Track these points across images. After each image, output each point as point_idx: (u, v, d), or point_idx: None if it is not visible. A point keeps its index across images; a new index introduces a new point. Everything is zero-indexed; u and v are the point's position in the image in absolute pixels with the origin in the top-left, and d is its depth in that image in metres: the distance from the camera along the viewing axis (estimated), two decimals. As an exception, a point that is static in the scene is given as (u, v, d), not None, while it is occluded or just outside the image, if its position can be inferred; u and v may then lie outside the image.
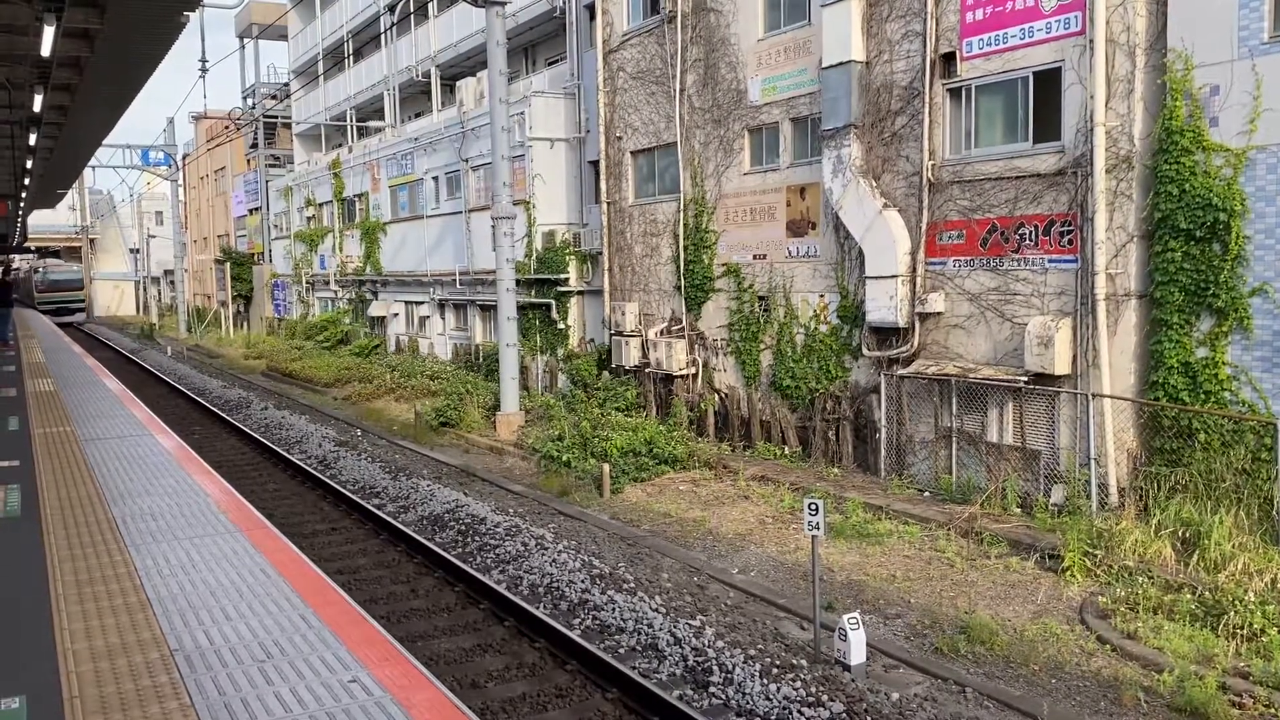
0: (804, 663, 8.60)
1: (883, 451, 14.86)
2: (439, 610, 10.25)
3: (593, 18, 22.20)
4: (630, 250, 20.77)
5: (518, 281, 20.86)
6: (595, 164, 22.40)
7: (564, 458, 16.44)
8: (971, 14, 13.36)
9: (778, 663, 8.57)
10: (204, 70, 40.69)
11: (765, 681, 8.10)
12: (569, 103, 23.87)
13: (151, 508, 8.13)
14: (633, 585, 10.66)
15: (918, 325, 14.25)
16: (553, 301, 23.54)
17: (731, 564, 11.74)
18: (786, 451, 16.54)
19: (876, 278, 14.56)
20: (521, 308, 22.88)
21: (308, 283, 41.27)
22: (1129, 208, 11.79)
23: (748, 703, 7.81)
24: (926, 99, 13.93)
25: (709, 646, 8.83)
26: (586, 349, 22.86)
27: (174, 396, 27.75)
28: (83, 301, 70.20)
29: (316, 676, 4.75)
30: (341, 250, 37.44)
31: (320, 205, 40.12)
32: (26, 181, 31.96)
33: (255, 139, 48.10)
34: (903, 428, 14.64)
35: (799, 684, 8.04)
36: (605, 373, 20.99)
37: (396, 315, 32.97)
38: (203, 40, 44.70)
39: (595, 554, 12.00)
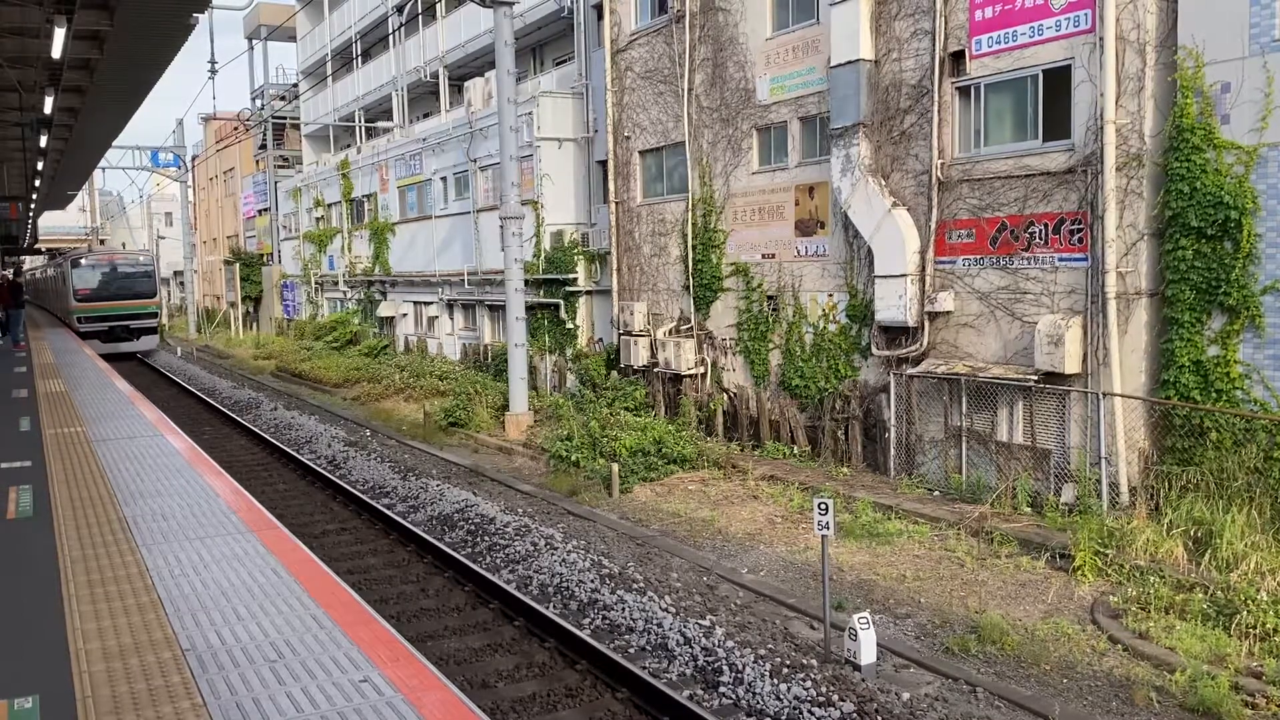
0: (814, 662, 8.58)
1: (892, 451, 14.83)
2: (449, 610, 10.26)
3: (600, 17, 22.20)
4: (638, 250, 20.76)
5: (526, 281, 20.88)
6: (603, 164, 22.40)
7: (573, 457, 16.44)
8: (980, 12, 13.32)
9: (788, 662, 8.55)
10: (213, 71, 40.87)
11: (775, 681, 8.09)
12: (577, 103, 23.88)
13: (162, 508, 8.16)
14: (642, 585, 10.66)
15: (927, 324, 14.21)
16: (561, 301, 23.56)
17: (741, 564, 11.73)
18: (796, 451, 16.51)
19: (886, 277, 14.53)
20: (530, 308, 22.91)
21: (316, 283, 41.36)
22: (1139, 206, 11.74)
23: (758, 702, 7.80)
24: (935, 97, 13.89)
25: (719, 646, 8.82)
26: (595, 349, 22.87)
27: (184, 397, 27.84)
28: (155, 316, 38.35)
29: (328, 676, 4.76)
30: (350, 251, 37.53)
31: (329, 206, 40.21)
32: (37, 183, 32.11)
33: (264, 140, 48.23)
34: (912, 427, 14.60)
35: (809, 684, 8.02)
36: (614, 372, 20.99)
37: (405, 315, 33.03)
38: (211, 42, 44.83)
39: (605, 554, 12.01)
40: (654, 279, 20.36)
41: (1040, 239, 12.78)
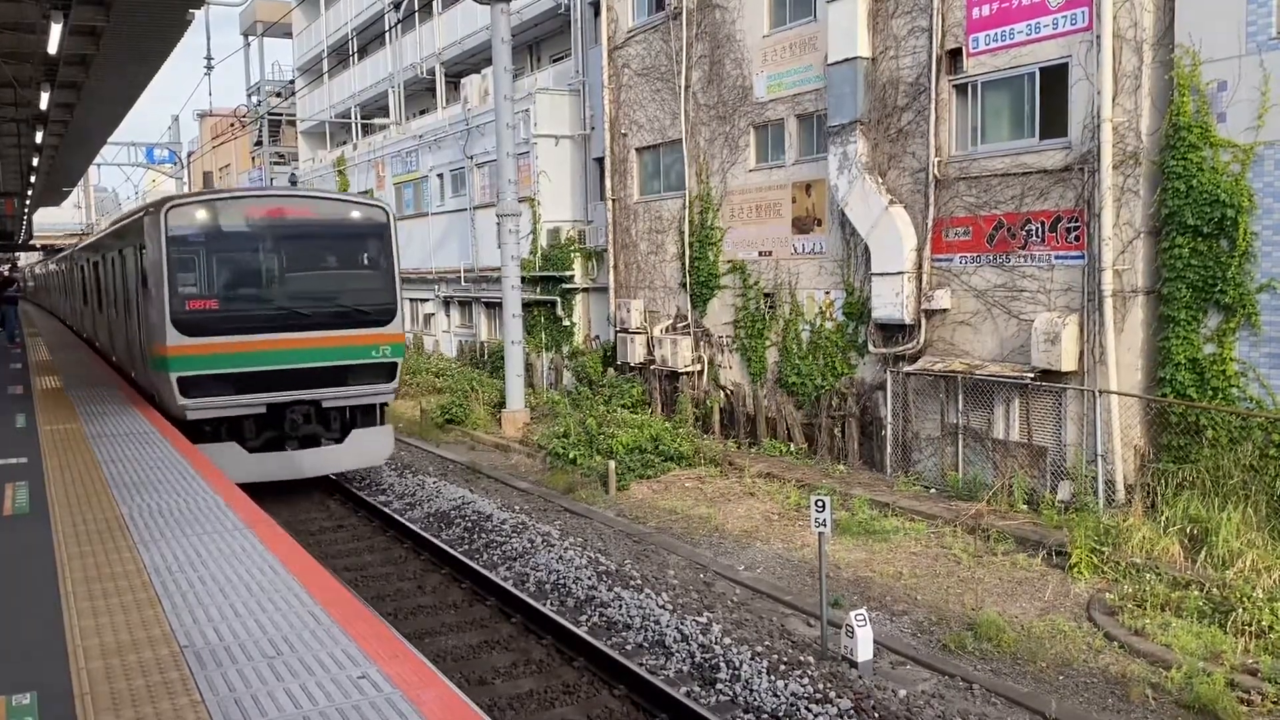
0: (811, 659, 8.60)
1: (889, 448, 14.84)
2: (446, 607, 10.26)
3: (597, 14, 22.19)
4: (635, 247, 20.76)
5: (523, 279, 20.86)
6: (600, 161, 22.39)
7: (570, 455, 16.44)
8: (978, 10, 13.33)
9: (785, 659, 8.57)
10: (209, 68, 40.75)
11: (773, 678, 8.11)
12: (574, 99, 23.86)
13: (159, 504, 8.14)
14: (639, 582, 10.67)
15: (924, 322, 14.23)
16: (558, 299, 23.55)
17: (738, 561, 11.74)
18: (792, 448, 16.53)
19: (882, 274, 14.54)
20: (527, 305, 22.89)
21: (313, 280, 41.17)
22: (1136, 204, 11.76)
23: (755, 699, 7.81)
24: (933, 95, 13.90)
25: (716, 643, 8.84)
26: (592, 346, 22.86)
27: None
28: (393, 374, 14.36)
29: (326, 673, 4.76)
30: (346, 247, 37.36)
31: (325, 203, 40.03)
32: (32, 179, 32.03)
33: (260, 137, 48.14)
34: (909, 424, 14.62)
35: (806, 680, 8.04)
36: (611, 370, 21.00)
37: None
38: (208, 38, 44.76)
39: (601, 551, 12.02)
40: (651, 276, 20.35)
41: (1037, 237, 12.79)
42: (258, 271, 13.56)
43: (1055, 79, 12.59)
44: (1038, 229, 12.78)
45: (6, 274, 41.69)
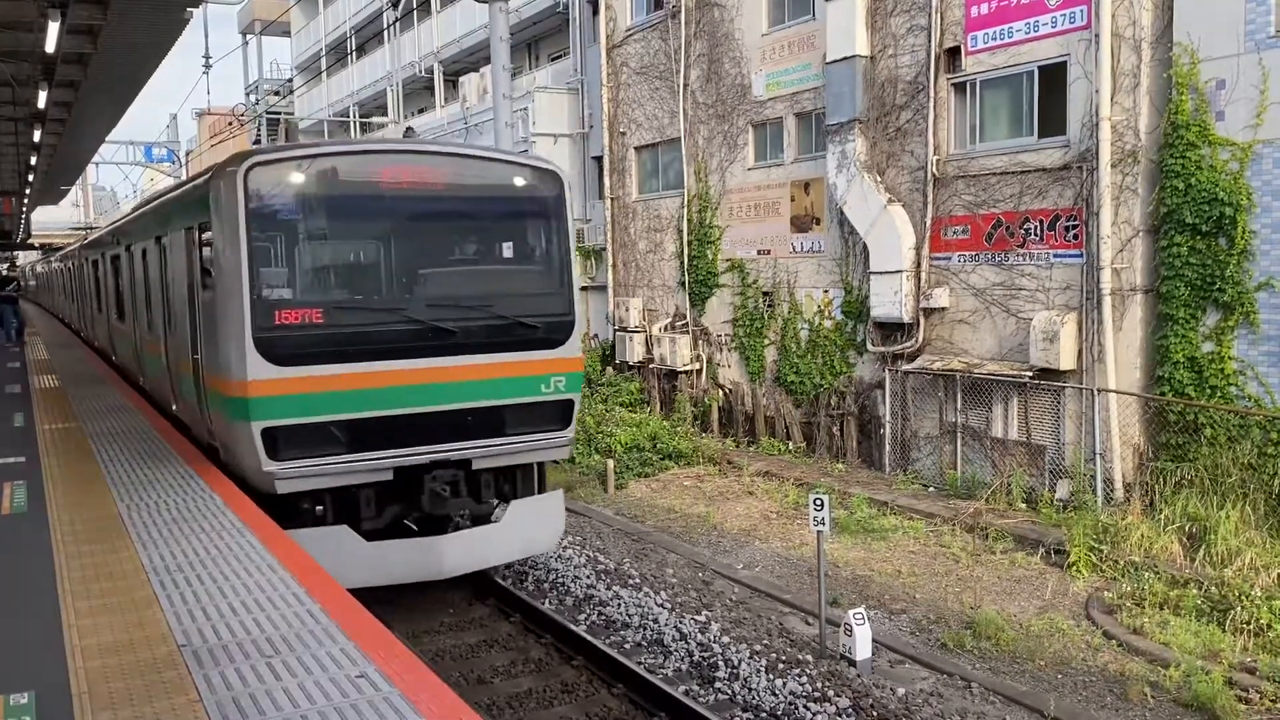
0: (810, 658, 8.61)
1: (887, 447, 14.85)
2: (444, 606, 10.25)
3: (596, 13, 22.17)
4: (634, 246, 20.75)
5: (522, 277, 20.80)
6: (599, 159, 22.37)
7: (568, 453, 16.43)
8: (976, 8, 13.32)
9: (783, 658, 8.58)
10: (207, 66, 40.72)
11: (771, 677, 8.11)
12: (572, 98, 23.84)
13: (158, 504, 8.13)
14: (638, 581, 10.67)
15: (922, 320, 14.23)
16: (557, 297, 23.51)
17: (736, 559, 11.74)
18: (791, 447, 16.53)
19: (881, 273, 14.54)
20: (525, 303, 22.85)
21: (311, 279, 41.07)
22: (1135, 202, 11.76)
23: (754, 698, 7.81)
24: (931, 94, 13.89)
25: (714, 642, 8.84)
26: (590, 344, 22.86)
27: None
28: (568, 416, 9.93)
29: (324, 672, 4.75)
30: (345, 246, 37.29)
31: (324, 201, 39.93)
32: (30, 178, 31.98)
33: (258, 135, 48.08)
34: (907, 423, 14.62)
35: (805, 679, 8.04)
36: (609, 368, 20.99)
37: (400, 311, 32.85)
38: (206, 36, 44.77)
39: (600, 549, 12.02)
40: (650, 275, 20.35)
41: (1035, 235, 12.79)
42: (381, 266, 9.22)
43: (1054, 77, 12.59)
44: (1036, 227, 12.78)
45: (4, 273, 41.51)
